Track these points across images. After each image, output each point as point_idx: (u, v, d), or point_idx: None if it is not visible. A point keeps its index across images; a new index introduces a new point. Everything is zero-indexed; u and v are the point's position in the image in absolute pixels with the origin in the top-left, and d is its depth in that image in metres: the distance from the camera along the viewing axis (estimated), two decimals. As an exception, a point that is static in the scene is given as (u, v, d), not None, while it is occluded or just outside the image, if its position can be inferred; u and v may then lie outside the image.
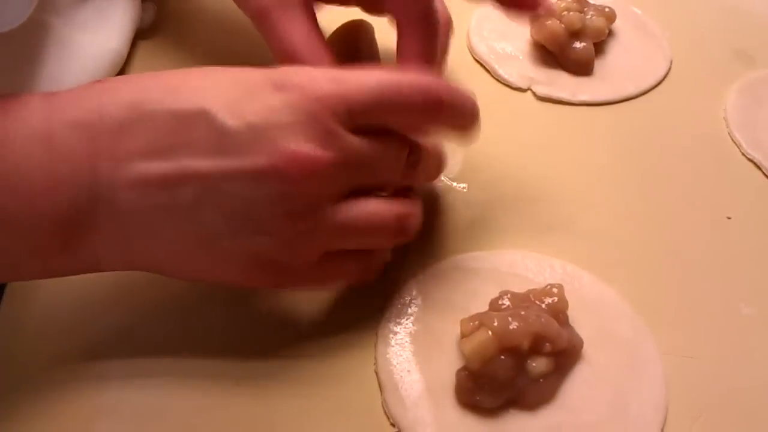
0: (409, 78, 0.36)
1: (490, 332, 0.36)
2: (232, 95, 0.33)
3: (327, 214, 0.35)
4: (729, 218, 0.46)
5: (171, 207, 0.33)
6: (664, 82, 0.55)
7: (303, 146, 0.32)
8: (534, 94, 0.53)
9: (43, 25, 0.46)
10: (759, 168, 0.49)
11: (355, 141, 0.34)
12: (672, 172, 0.49)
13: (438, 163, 0.40)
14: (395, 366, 0.38)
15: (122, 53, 0.52)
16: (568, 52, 0.54)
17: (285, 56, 0.41)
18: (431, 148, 0.39)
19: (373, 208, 0.36)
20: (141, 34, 0.55)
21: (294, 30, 0.41)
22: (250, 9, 0.42)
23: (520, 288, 0.39)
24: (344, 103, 0.34)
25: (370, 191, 0.37)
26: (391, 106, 0.35)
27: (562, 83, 0.53)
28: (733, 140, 0.51)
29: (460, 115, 0.39)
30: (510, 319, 0.36)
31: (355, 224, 0.36)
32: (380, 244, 0.38)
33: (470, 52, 0.56)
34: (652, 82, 0.55)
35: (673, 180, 0.48)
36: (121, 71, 0.52)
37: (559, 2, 0.55)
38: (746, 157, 0.50)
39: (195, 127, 0.33)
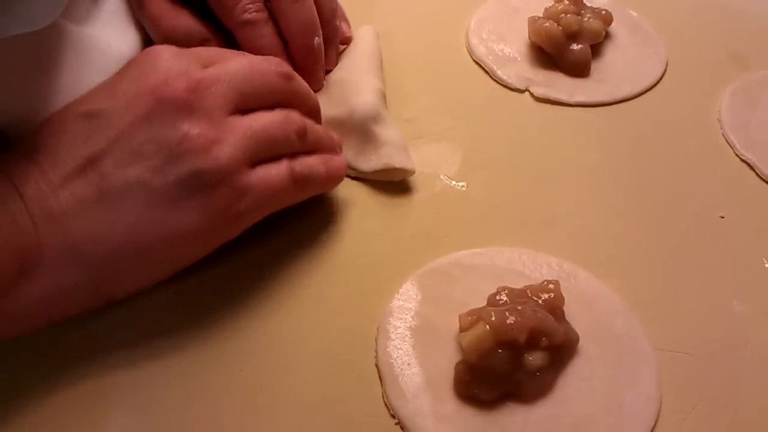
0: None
1: (487, 326, 0.37)
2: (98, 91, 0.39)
3: (230, 123, 0.38)
4: (722, 217, 0.47)
5: (100, 186, 0.36)
6: (659, 84, 0.56)
7: (170, 73, 0.37)
8: (532, 95, 0.54)
9: (61, 30, 0.46)
10: (752, 168, 0.50)
11: (222, 66, 0.39)
12: (667, 171, 0.50)
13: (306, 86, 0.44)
14: (395, 359, 0.39)
15: None
16: (566, 53, 0.55)
17: (155, 23, 0.49)
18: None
19: (270, 116, 0.40)
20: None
21: (159, 4, 0.48)
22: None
23: (517, 284, 0.40)
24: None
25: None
26: None
27: (559, 84, 0.54)
28: (727, 141, 0.52)
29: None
30: (507, 314, 0.37)
31: (259, 127, 0.39)
32: (290, 146, 0.41)
33: (469, 53, 0.57)
34: (647, 83, 0.56)
35: (667, 179, 0.49)
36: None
37: (556, 5, 0.56)
38: (740, 157, 0.51)
39: (82, 125, 0.37)
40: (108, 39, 0.50)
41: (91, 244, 0.36)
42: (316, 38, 0.48)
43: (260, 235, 0.43)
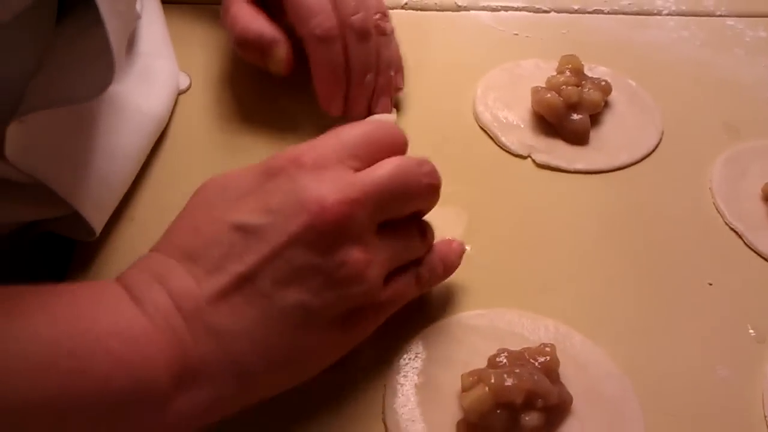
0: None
1: (487, 388, 0.40)
2: (247, 200, 0.38)
3: (376, 241, 0.39)
4: (710, 284, 0.50)
5: (260, 304, 0.36)
6: (655, 152, 0.59)
7: (326, 193, 0.37)
8: (533, 161, 0.57)
9: None
10: (740, 237, 0.53)
11: (373, 178, 0.39)
12: (659, 238, 0.53)
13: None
14: (401, 416, 0.42)
15: (166, 117, 0.56)
16: (566, 123, 0.58)
17: (232, 23, 0.54)
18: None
19: (407, 230, 0.43)
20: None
21: (242, 8, 0.54)
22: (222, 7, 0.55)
23: (516, 345, 0.43)
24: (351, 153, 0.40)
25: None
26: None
27: (559, 152, 0.58)
28: (717, 210, 0.55)
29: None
30: (506, 376, 0.40)
31: (400, 246, 0.42)
32: (418, 251, 0.44)
33: (476, 120, 0.61)
34: (643, 152, 0.59)
35: (660, 246, 0.52)
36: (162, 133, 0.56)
37: (558, 75, 0.59)
38: (729, 226, 0.54)
39: (236, 238, 0.37)
40: (139, 98, 0.54)
41: (252, 358, 0.36)
42: (369, 75, 0.53)
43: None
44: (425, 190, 0.42)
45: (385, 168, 0.40)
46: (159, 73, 0.57)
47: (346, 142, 0.40)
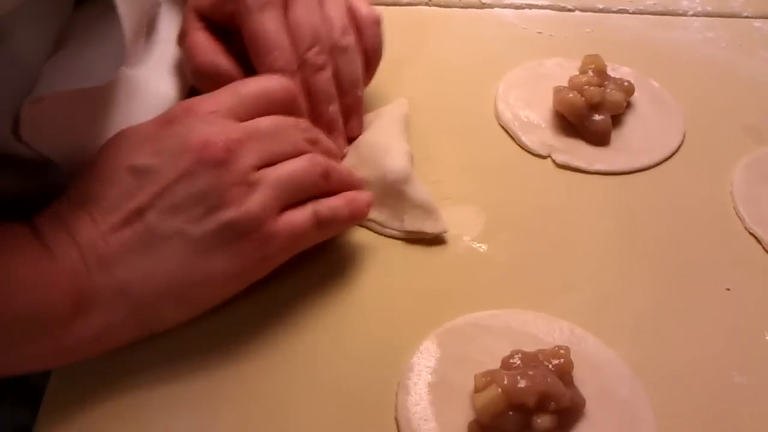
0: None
1: (500, 390, 0.40)
2: (143, 145, 0.43)
3: (261, 176, 0.43)
4: (728, 290, 0.50)
5: (145, 236, 0.41)
6: (676, 155, 0.59)
7: (210, 134, 0.42)
8: (553, 161, 0.57)
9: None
10: (760, 243, 0.53)
11: (250, 122, 0.44)
12: (678, 242, 0.53)
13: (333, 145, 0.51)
14: (413, 414, 0.42)
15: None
16: (587, 123, 0.58)
17: (190, 53, 0.52)
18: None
19: (296, 163, 0.45)
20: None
21: (199, 36, 0.52)
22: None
23: (530, 346, 0.44)
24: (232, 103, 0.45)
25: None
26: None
27: (580, 152, 0.58)
28: (737, 214, 0.55)
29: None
30: (519, 378, 0.40)
31: (286, 176, 0.44)
32: (316, 189, 0.46)
33: (497, 118, 0.61)
34: (665, 154, 0.59)
35: (678, 250, 0.52)
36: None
37: (580, 75, 0.59)
38: (749, 231, 0.54)
39: (129, 179, 0.41)
40: (157, 82, 0.54)
41: (138, 287, 0.41)
42: (331, 106, 0.53)
43: (284, 286, 0.47)
44: (302, 135, 0.47)
45: (269, 119, 0.45)
46: (175, 60, 0.58)
47: (242, 95, 0.45)
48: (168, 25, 0.59)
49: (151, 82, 0.54)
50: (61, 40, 0.45)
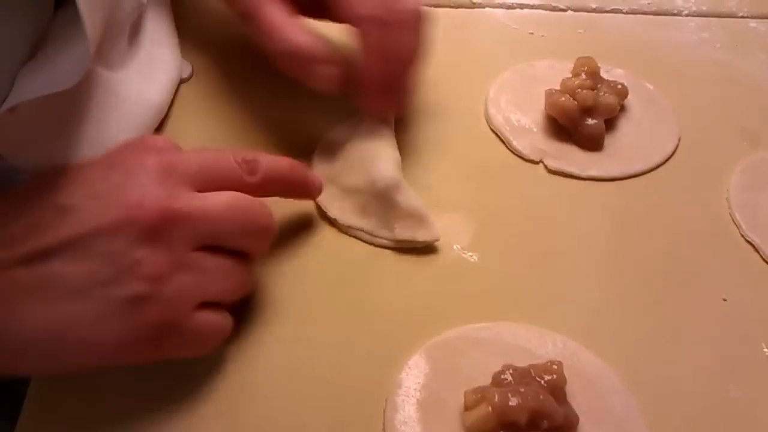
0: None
1: (490, 408, 0.39)
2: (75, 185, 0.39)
3: (188, 259, 0.38)
4: (725, 300, 0.49)
5: (41, 277, 0.36)
6: (671, 160, 0.58)
7: (151, 196, 0.37)
8: (545, 167, 0.56)
9: (90, 75, 0.48)
10: (757, 250, 0.52)
11: (208, 202, 0.39)
12: (673, 250, 0.51)
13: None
14: (402, 431, 0.41)
15: (164, 108, 0.55)
16: (580, 127, 0.56)
17: (268, 34, 0.48)
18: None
19: (222, 259, 0.40)
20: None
21: (274, 13, 0.48)
22: (238, 8, 0.51)
23: (522, 360, 0.42)
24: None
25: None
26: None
27: (572, 157, 0.56)
28: (733, 221, 0.53)
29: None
30: (509, 395, 0.39)
31: (211, 268, 0.39)
32: (235, 292, 0.42)
33: (487, 122, 0.59)
34: (659, 159, 0.57)
35: (673, 259, 0.51)
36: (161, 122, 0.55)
37: (573, 79, 0.58)
38: (745, 239, 0.52)
39: (49, 214, 0.37)
40: (139, 86, 0.52)
41: (10, 328, 0.36)
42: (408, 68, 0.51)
43: (272, 300, 0.45)
44: (259, 231, 0.42)
45: (224, 196, 0.40)
46: (161, 63, 0.56)
47: (202, 163, 0.41)
48: (155, 27, 0.57)
49: (133, 87, 0.52)
50: (36, 45, 0.43)
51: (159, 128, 0.55)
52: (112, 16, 0.49)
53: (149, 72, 0.55)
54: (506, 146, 0.57)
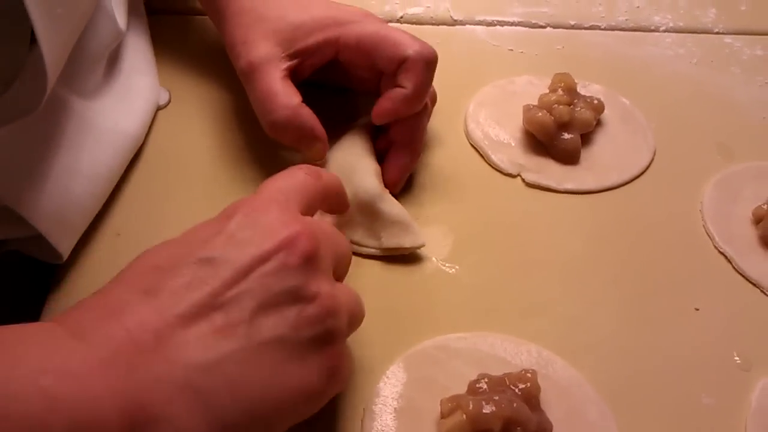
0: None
1: (464, 416, 0.39)
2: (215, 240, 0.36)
3: (337, 284, 0.38)
4: (697, 309, 0.50)
5: (228, 331, 0.33)
6: (646, 173, 0.59)
7: (293, 225, 0.36)
8: (523, 180, 0.57)
9: (64, 105, 0.48)
10: (729, 261, 0.53)
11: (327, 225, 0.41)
12: (647, 261, 0.52)
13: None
14: (379, 441, 0.41)
15: (141, 137, 0.55)
16: (557, 142, 0.58)
17: (263, 96, 0.50)
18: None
19: (348, 288, 0.40)
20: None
21: (273, 78, 0.50)
22: (240, 66, 0.52)
23: (498, 369, 0.43)
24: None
25: None
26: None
27: (549, 171, 0.57)
28: (707, 233, 0.55)
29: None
30: (484, 403, 0.40)
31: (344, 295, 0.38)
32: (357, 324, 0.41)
33: (467, 137, 0.60)
34: (634, 172, 0.58)
35: (647, 270, 0.52)
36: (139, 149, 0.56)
37: (550, 95, 0.59)
38: (718, 250, 0.53)
39: (201, 269, 0.34)
40: (116, 116, 0.52)
41: (227, 403, 0.32)
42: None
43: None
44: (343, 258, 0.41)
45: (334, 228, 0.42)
46: (139, 91, 0.56)
47: (297, 188, 0.40)
48: (134, 55, 0.57)
49: (110, 117, 0.52)
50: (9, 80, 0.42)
51: (137, 155, 0.55)
52: (86, 47, 0.50)
53: (127, 101, 0.54)
54: (485, 160, 0.59)
